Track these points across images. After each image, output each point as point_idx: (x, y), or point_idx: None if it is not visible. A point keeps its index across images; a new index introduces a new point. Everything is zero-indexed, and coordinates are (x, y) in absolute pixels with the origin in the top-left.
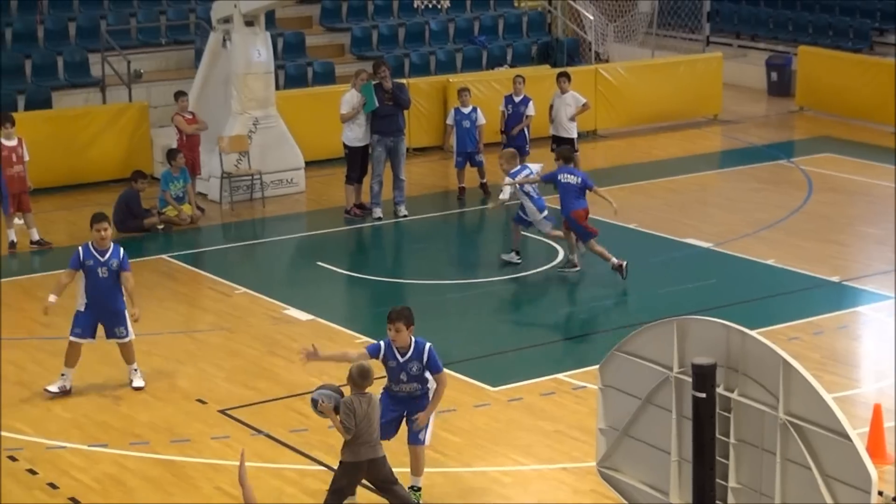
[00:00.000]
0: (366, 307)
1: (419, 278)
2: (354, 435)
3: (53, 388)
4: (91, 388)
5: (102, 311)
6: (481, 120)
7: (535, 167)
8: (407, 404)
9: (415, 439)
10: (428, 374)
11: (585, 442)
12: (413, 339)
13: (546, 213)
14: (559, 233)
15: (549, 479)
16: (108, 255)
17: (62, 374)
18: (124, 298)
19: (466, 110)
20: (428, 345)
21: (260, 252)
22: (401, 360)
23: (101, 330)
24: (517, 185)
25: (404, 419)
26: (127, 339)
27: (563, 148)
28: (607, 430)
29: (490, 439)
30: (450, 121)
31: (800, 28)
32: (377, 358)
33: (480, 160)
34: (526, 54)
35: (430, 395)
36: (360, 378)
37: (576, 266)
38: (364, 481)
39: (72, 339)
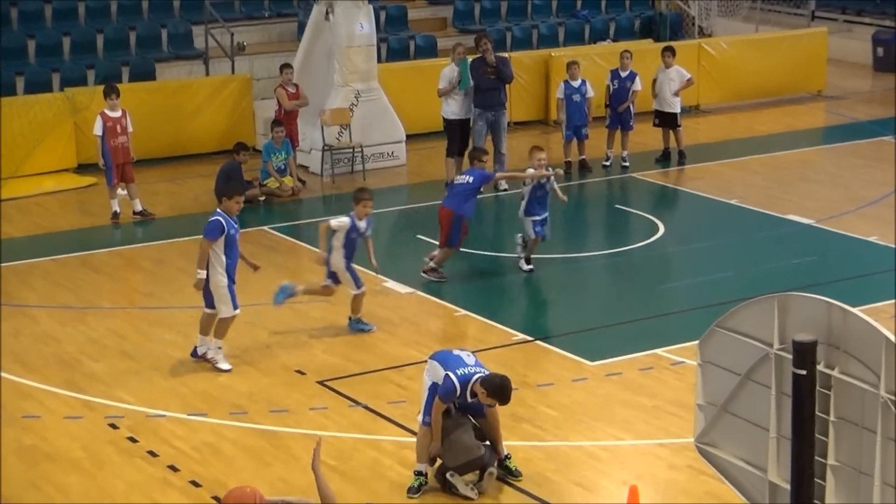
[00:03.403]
0: (465, 281)
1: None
2: None
3: (225, 366)
4: (191, 358)
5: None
6: (590, 93)
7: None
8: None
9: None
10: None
11: (683, 417)
12: None
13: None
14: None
15: (645, 454)
16: (237, 224)
17: (219, 347)
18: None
19: (576, 83)
20: None
21: None
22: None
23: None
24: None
25: None
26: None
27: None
28: (706, 405)
29: (587, 414)
30: (560, 94)
31: None
32: (452, 400)
33: (586, 133)
34: (629, 28)
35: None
36: None
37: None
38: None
39: (236, 312)
